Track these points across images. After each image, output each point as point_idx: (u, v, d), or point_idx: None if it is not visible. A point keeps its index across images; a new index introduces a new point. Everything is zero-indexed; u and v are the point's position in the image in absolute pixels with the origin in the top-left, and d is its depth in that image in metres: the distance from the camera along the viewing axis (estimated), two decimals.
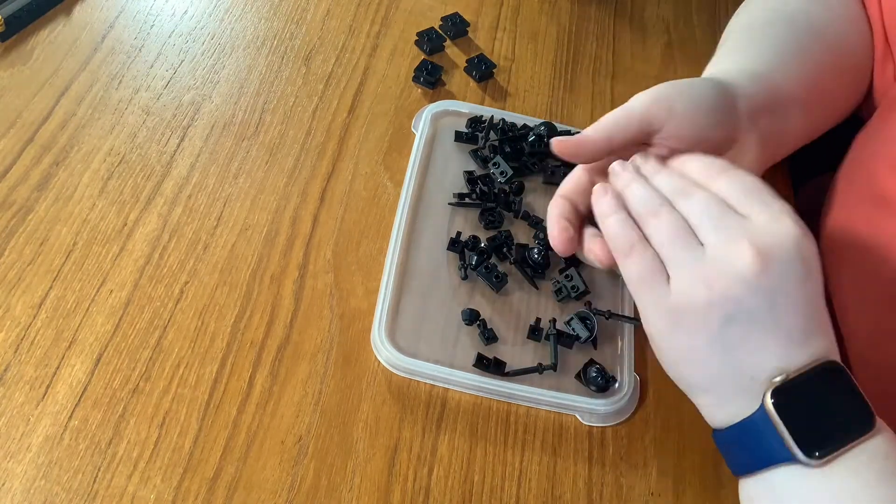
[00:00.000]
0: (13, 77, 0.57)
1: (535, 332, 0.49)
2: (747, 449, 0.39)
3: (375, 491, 0.43)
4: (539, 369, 0.48)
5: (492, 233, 0.53)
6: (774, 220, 0.38)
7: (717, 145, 0.47)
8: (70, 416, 0.43)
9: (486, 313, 0.50)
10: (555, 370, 0.48)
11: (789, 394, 0.37)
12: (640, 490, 0.46)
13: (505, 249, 0.52)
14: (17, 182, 0.52)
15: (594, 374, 0.48)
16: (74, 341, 0.46)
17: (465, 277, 0.51)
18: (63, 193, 0.52)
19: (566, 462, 0.46)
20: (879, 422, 0.38)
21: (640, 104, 0.45)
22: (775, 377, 0.37)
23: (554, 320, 0.50)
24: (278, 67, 0.62)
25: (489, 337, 0.48)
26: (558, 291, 0.51)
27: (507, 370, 0.47)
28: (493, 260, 0.52)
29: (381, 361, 0.47)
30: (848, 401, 0.38)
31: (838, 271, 0.54)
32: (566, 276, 0.51)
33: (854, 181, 0.55)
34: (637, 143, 0.46)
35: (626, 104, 0.46)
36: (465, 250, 0.52)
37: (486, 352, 0.48)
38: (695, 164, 0.42)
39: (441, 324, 0.49)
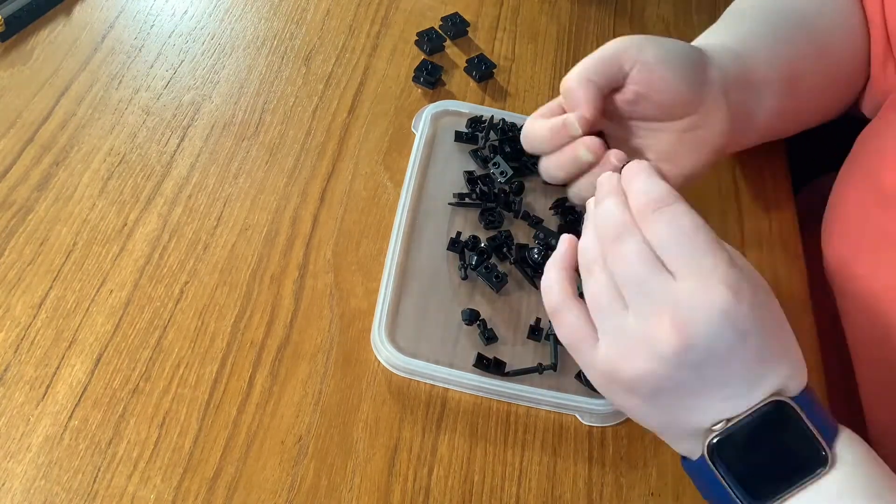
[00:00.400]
0: (13, 77, 0.57)
1: (535, 332, 0.49)
2: (703, 486, 0.38)
3: (375, 491, 0.43)
4: (539, 369, 0.48)
5: (492, 233, 0.53)
6: (701, 285, 0.35)
7: (685, 104, 0.47)
8: (70, 416, 0.43)
9: (486, 313, 0.50)
10: (555, 370, 0.48)
11: (729, 440, 0.36)
12: (640, 490, 0.46)
13: (505, 249, 0.52)
14: (17, 182, 0.52)
15: None
16: (74, 341, 0.46)
17: (465, 277, 0.51)
18: (63, 193, 0.52)
19: (566, 462, 0.46)
20: (844, 448, 0.36)
21: (613, 45, 0.47)
22: (716, 425, 0.36)
23: None
24: (278, 67, 0.62)
25: (489, 337, 0.48)
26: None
27: (506, 370, 0.47)
28: (493, 260, 0.52)
29: (381, 361, 0.47)
30: (795, 439, 0.36)
31: (841, 271, 0.54)
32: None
33: (857, 180, 0.55)
34: (612, 87, 0.48)
35: (601, 47, 0.48)
36: (465, 250, 0.52)
37: (486, 352, 0.48)
38: (638, 186, 0.39)
39: (441, 324, 0.49)
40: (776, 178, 0.62)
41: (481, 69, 0.63)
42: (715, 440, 0.36)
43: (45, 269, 0.48)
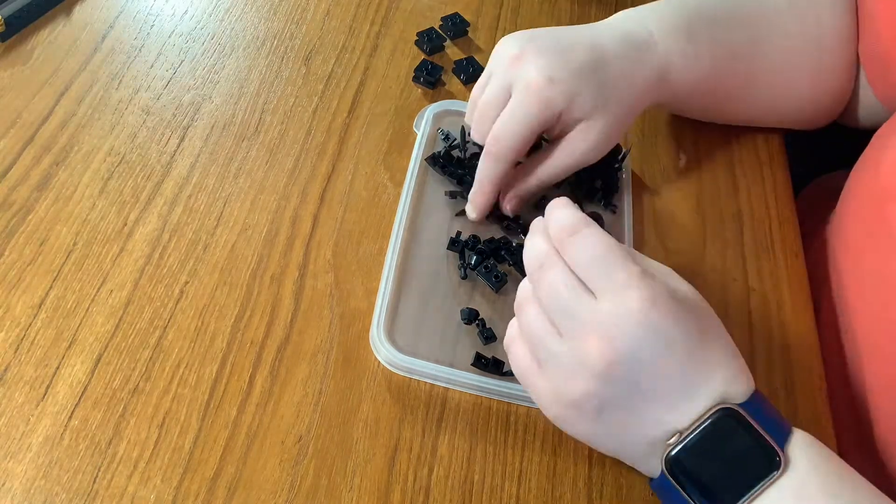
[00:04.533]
0: (13, 77, 0.57)
1: None
2: (670, 502, 0.39)
3: (375, 491, 0.43)
4: None
5: (494, 232, 0.53)
6: (618, 299, 0.37)
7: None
8: (70, 416, 0.43)
9: (485, 313, 0.50)
10: None
11: (685, 452, 0.37)
12: (640, 490, 0.46)
13: (504, 252, 0.52)
14: (17, 182, 0.52)
15: None
16: (74, 341, 0.46)
17: (464, 277, 0.51)
18: (63, 193, 0.52)
19: (566, 462, 0.46)
20: (797, 448, 0.37)
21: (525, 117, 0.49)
22: (670, 438, 0.38)
23: None
24: (278, 67, 0.62)
25: (488, 336, 0.48)
26: None
27: (505, 370, 0.47)
28: (493, 259, 0.52)
29: (381, 361, 0.47)
30: (748, 444, 0.37)
31: (849, 268, 0.54)
32: None
33: (868, 177, 0.55)
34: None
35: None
36: (465, 250, 0.52)
37: (485, 351, 0.48)
38: (555, 218, 0.41)
39: (441, 323, 0.49)
40: (776, 178, 0.62)
41: (469, 71, 0.63)
42: (671, 454, 0.38)
43: (45, 269, 0.48)
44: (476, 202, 0.53)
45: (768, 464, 0.37)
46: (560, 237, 0.40)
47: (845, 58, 0.58)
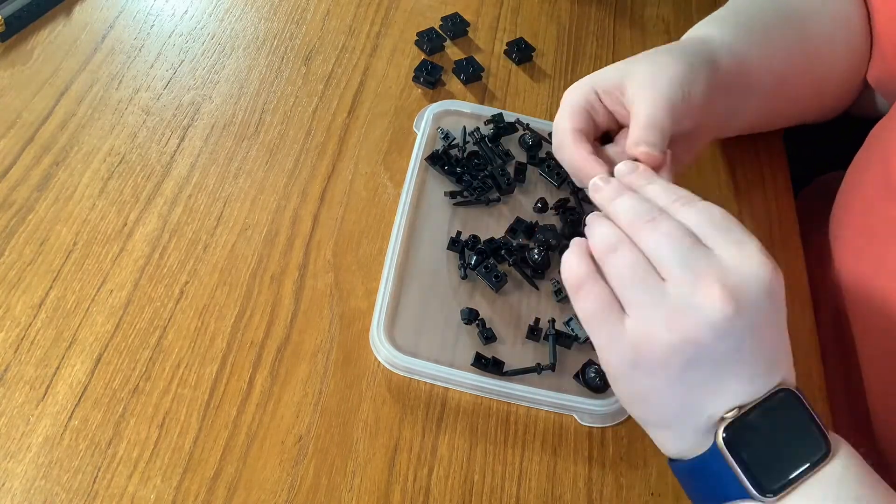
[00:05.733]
0: (13, 77, 0.57)
1: (533, 333, 0.49)
2: (704, 484, 0.38)
3: (375, 491, 0.43)
4: (537, 369, 0.48)
5: (494, 232, 0.53)
6: (744, 256, 0.36)
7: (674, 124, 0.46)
8: (70, 416, 0.43)
9: (485, 313, 0.50)
10: (553, 370, 0.48)
11: (742, 428, 0.36)
12: (639, 490, 0.46)
13: (504, 252, 0.52)
14: (17, 182, 0.52)
15: (592, 375, 0.48)
16: (74, 341, 0.46)
17: (464, 277, 0.51)
18: (63, 193, 0.52)
19: (566, 462, 0.46)
20: (837, 442, 0.37)
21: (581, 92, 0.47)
22: (729, 412, 0.36)
23: (553, 320, 0.50)
24: (278, 67, 0.62)
25: (488, 336, 0.48)
26: (558, 292, 0.51)
27: (505, 370, 0.47)
28: (493, 259, 0.52)
29: (381, 361, 0.47)
30: (802, 428, 0.37)
31: (849, 265, 0.54)
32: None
33: (866, 173, 0.55)
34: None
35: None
36: (465, 250, 0.52)
37: (485, 351, 0.48)
38: (658, 189, 0.40)
39: (441, 323, 0.49)
40: (776, 178, 0.62)
41: (469, 71, 0.63)
42: (730, 425, 0.36)
43: (45, 269, 0.48)
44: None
45: (818, 449, 0.36)
46: (672, 206, 0.39)
47: (865, 34, 0.58)
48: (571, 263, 0.40)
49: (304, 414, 0.45)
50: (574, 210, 0.55)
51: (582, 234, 0.42)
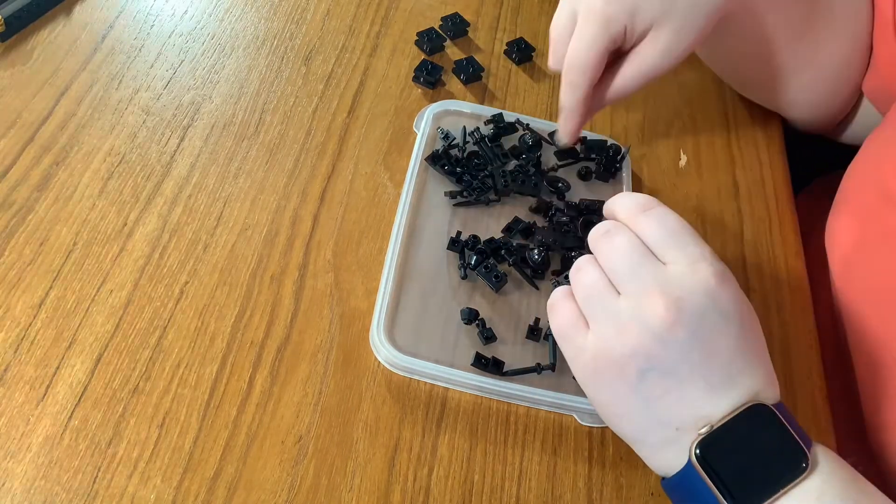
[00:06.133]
0: (13, 77, 0.57)
1: (533, 333, 0.49)
2: (688, 501, 0.38)
3: (375, 491, 0.43)
4: (537, 369, 0.48)
5: (494, 232, 0.53)
6: (690, 268, 0.38)
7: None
8: (70, 416, 0.43)
9: (485, 313, 0.50)
10: (553, 370, 0.48)
11: (716, 444, 0.37)
12: (640, 490, 0.46)
13: (504, 252, 0.52)
14: (17, 182, 0.52)
15: None
16: (74, 341, 0.46)
17: (464, 277, 0.51)
18: (63, 193, 0.52)
19: (566, 462, 0.46)
20: (819, 455, 0.37)
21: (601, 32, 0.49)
22: (701, 428, 0.37)
23: None
24: (278, 67, 0.62)
25: (488, 336, 0.48)
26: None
27: (505, 370, 0.47)
28: (493, 259, 0.52)
29: (381, 361, 0.47)
30: (778, 444, 0.37)
31: (846, 271, 0.54)
32: (566, 277, 0.51)
33: (863, 181, 0.55)
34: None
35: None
36: (465, 250, 0.52)
37: (485, 351, 0.48)
38: (622, 202, 0.42)
39: (441, 323, 0.49)
40: (776, 178, 0.62)
41: (469, 71, 0.63)
42: (702, 440, 0.37)
43: (45, 269, 0.48)
44: (566, 129, 0.53)
45: (796, 464, 0.36)
46: (631, 214, 0.41)
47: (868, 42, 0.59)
48: (556, 289, 0.43)
49: (304, 414, 0.45)
50: (561, 211, 0.55)
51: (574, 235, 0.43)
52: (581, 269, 0.41)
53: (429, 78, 0.62)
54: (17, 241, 0.49)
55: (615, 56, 0.52)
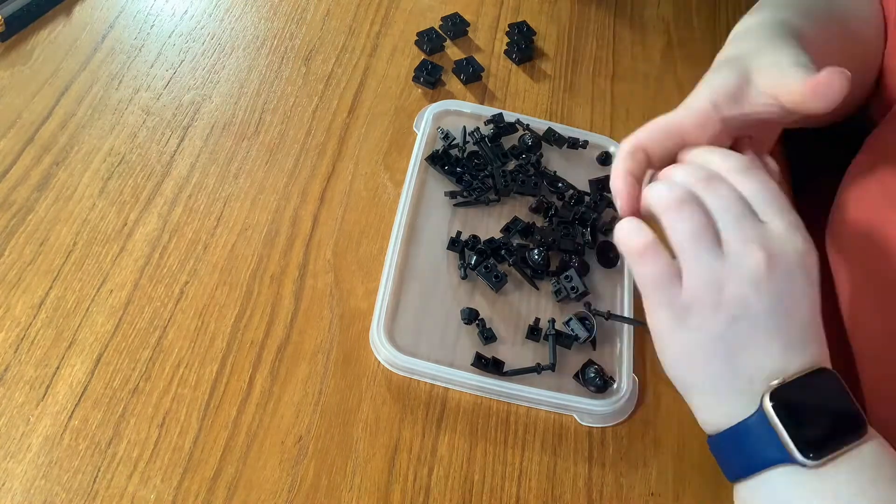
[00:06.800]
0: (13, 77, 0.57)
1: (534, 333, 0.49)
2: (744, 451, 0.39)
3: (375, 491, 0.43)
4: (537, 369, 0.48)
5: (494, 232, 0.53)
6: (787, 231, 0.40)
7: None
8: (70, 416, 0.43)
9: (485, 313, 0.50)
10: (553, 370, 0.48)
11: (786, 397, 0.38)
12: (640, 490, 0.46)
13: (504, 252, 0.52)
14: (17, 182, 0.52)
15: (592, 375, 0.48)
16: (74, 341, 0.46)
17: (464, 277, 0.51)
18: (63, 193, 0.52)
19: (566, 462, 0.46)
20: (870, 430, 0.39)
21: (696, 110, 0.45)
22: (773, 381, 0.38)
23: (553, 320, 0.50)
24: (278, 67, 0.62)
25: (488, 336, 0.48)
26: (558, 292, 0.51)
27: (505, 370, 0.47)
28: (493, 259, 0.52)
29: (381, 361, 0.47)
30: (842, 406, 0.39)
31: (847, 270, 0.54)
32: (566, 277, 0.51)
33: (864, 181, 0.55)
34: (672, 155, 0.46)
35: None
36: (465, 250, 0.52)
37: (485, 351, 0.48)
38: (721, 157, 0.42)
39: (441, 323, 0.49)
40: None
41: (469, 71, 0.63)
42: (775, 392, 0.38)
43: (45, 269, 0.48)
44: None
45: (856, 427, 0.38)
46: (732, 171, 0.41)
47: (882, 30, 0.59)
48: (631, 231, 0.41)
49: (304, 414, 0.45)
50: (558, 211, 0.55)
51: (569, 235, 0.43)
52: (683, 207, 0.40)
53: (429, 78, 0.62)
54: (17, 241, 0.49)
55: None
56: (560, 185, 0.56)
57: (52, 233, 0.50)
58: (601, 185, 0.57)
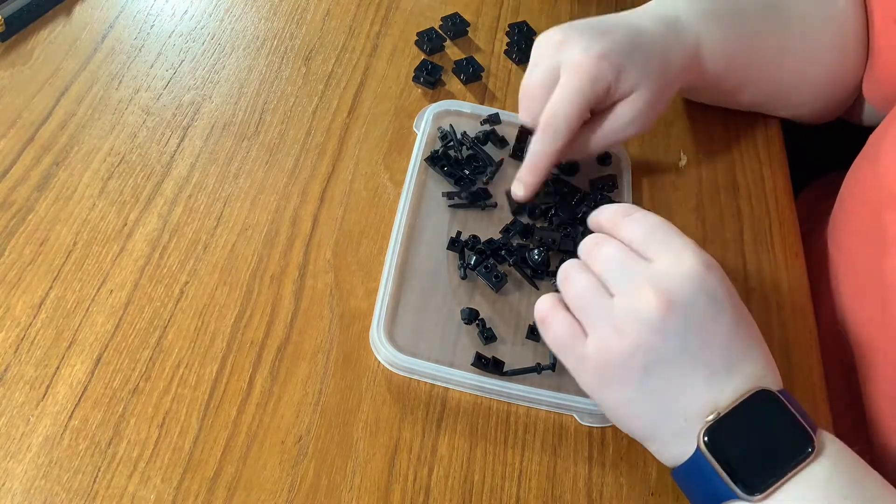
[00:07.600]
0: (13, 77, 0.57)
1: (534, 333, 0.49)
2: (699, 488, 0.39)
3: (375, 491, 0.43)
4: (538, 369, 0.48)
5: (494, 232, 0.53)
6: (675, 260, 0.39)
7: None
8: (70, 416, 0.43)
9: (485, 313, 0.50)
10: (553, 370, 0.48)
11: (723, 430, 0.37)
12: (640, 490, 0.46)
13: (504, 252, 0.52)
14: (17, 182, 0.52)
15: None
16: (74, 341, 0.46)
17: (464, 277, 0.51)
18: (63, 193, 0.52)
19: (566, 462, 0.46)
20: (825, 440, 0.38)
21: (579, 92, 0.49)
22: (708, 416, 0.38)
23: None
24: (278, 67, 0.62)
25: (488, 336, 0.48)
26: (557, 292, 0.51)
27: (505, 370, 0.47)
28: (493, 259, 0.52)
29: (381, 361, 0.47)
30: (783, 427, 0.38)
31: (847, 270, 0.54)
32: None
33: (863, 180, 0.55)
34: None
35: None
36: (465, 250, 0.52)
37: (485, 351, 0.48)
38: (604, 213, 0.44)
39: (441, 323, 0.49)
40: (776, 178, 0.62)
41: (469, 71, 0.63)
42: (709, 427, 0.37)
43: (45, 269, 0.48)
44: (527, 181, 0.52)
45: (802, 448, 0.37)
46: (613, 221, 0.42)
47: (861, 40, 0.59)
48: (540, 301, 0.43)
49: (304, 414, 0.45)
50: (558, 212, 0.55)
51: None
52: (569, 276, 0.42)
53: (429, 78, 0.62)
54: (17, 241, 0.49)
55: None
56: (560, 185, 0.56)
57: (52, 233, 0.50)
58: (601, 185, 0.57)
